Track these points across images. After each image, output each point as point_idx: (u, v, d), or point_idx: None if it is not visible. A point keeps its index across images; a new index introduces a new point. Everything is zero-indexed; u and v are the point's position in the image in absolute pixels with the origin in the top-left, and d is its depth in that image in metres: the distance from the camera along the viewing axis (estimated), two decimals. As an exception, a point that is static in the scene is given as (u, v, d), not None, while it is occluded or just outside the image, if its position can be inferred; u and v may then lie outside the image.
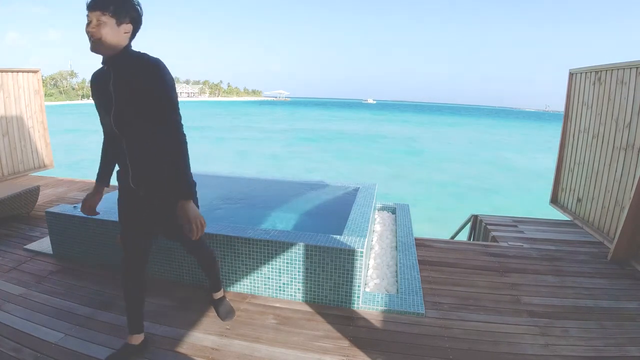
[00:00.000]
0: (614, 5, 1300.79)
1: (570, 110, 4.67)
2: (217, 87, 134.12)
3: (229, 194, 3.97)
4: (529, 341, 2.20)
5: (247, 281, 2.64)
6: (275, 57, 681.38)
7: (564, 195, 4.77)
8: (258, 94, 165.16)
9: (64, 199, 4.81)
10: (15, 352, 1.99)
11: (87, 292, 2.62)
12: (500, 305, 2.59)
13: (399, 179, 15.71)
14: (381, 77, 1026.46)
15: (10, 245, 3.37)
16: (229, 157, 19.82)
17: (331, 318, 2.39)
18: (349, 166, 18.34)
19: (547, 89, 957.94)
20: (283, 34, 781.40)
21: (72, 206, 3.16)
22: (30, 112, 6.06)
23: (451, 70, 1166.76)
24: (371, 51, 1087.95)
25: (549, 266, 3.23)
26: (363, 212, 3.17)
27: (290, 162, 19.08)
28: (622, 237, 3.25)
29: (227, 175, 4.69)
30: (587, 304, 2.63)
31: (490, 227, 4.21)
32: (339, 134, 32.24)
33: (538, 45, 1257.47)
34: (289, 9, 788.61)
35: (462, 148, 25.87)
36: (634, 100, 3.39)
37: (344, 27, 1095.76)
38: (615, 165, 3.64)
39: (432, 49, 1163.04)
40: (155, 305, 2.48)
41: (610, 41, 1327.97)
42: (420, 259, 3.19)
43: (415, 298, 2.57)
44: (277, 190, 4.15)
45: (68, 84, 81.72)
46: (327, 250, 2.44)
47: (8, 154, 5.71)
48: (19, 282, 2.73)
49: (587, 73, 4.28)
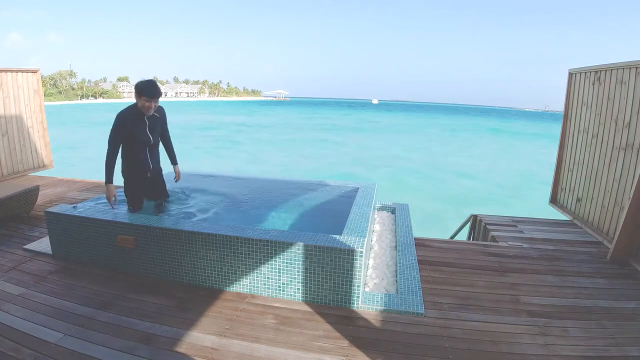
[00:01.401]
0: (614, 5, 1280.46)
1: (570, 110, 4.67)
2: (216, 87, 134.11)
3: (229, 194, 3.97)
4: (529, 341, 2.20)
5: (246, 281, 2.64)
6: (275, 57, 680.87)
7: (563, 195, 4.78)
8: (258, 94, 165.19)
9: (64, 199, 4.81)
10: (15, 352, 1.99)
11: (86, 292, 2.62)
12: (499, 305, 2.59)
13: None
14: (386, 77, 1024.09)
15: (10, 245, 3.37)
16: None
17: (331, 318, 2.40)
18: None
19: (547, 89, 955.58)
20: (283, 34, 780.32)
21: (71, 206, 3.16)
22: (29, 112, 6.06)
23: (453, 71, 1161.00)
24: (374, 51, 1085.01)
25: (548, 266, 3.24)
26: (362, 211, 3.17)
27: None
28: (621, 237, 3.26)
29: (227, 175, 4.70)
30: (587, 303, 2.64)
31: (489, 227, 4.21)
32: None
33: (538, 46, 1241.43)
34: (289, 9, 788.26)
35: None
36: (634, 100, 3.40)
37: (344, 27, 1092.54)
38: (614, 165, 3.64)
39: (435, 50, 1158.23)
40: (155, 305, 2.48)
41: (610, 41, 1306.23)
42: (419, 258, 3.20)
43: (415, 298, 2.57)
44: (276, 190, 4.15)
45: (67, 84, 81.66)
46: (326, 250, 2.44)
47: (7, 154, 5.71)
48: (18, 282, 2.73)
49: (587, 73, 4.29)
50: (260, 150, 22.07)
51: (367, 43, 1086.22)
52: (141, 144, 3.06)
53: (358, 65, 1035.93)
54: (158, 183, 3.39)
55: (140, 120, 3.00)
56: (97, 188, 5.36)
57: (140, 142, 3.04)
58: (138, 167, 3.14)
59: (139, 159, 3.12)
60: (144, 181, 3.22)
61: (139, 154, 3.10)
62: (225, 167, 16.12)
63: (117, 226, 2.85)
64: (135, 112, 2.97)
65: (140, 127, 3.01)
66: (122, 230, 2.83)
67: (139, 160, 3.12)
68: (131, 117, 2.96)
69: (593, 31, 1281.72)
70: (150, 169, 3.19)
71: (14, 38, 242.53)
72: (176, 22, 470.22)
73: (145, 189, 3.29)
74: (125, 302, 2.51)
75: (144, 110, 2.94)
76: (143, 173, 3.18)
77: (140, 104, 2.91)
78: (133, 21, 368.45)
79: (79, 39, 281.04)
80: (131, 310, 2.42)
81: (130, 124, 2.95)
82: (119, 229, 2.84)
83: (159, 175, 3.38)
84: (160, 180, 3.41)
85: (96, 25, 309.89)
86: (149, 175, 3.22)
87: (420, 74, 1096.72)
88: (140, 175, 3.18)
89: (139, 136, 3.01)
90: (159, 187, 3.42)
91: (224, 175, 4.68)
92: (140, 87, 2.88)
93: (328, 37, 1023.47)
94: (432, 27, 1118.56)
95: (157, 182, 3.38)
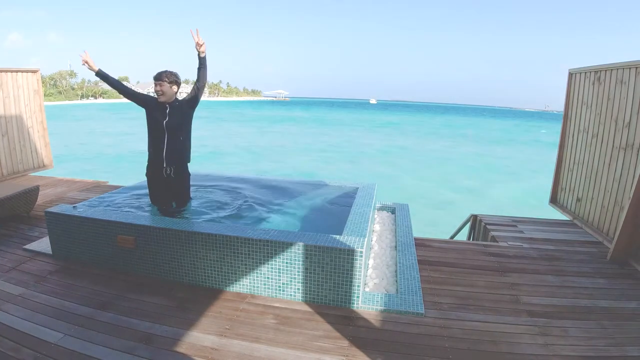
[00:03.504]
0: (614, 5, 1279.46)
1: (570, 110, 4.67)
2: (216, 86, 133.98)
3: (229, 194, 3.97)
4: (529, 341, 2.20)
5: (246, 281, 2.64)
6: (275, 57, 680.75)
7: (563, 195, 4.77)
8: (257, 94, 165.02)
9: (64, 199, 4.80)
10: (15, 352, 1.99)
11: (86, 292, 2.62)
12: (499, 305, 2.59)
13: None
14: (386, 77, 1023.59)
15: (10, 245, 3.37)
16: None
17: (331, 318, 2.39)
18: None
19: (547, 89, 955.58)
20: (283, 34, 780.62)
21: (71, 206, 3.16)
22: (29, 112, 6.05)
23: (453, 71, 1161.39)
24: (374, 50, 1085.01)
25: (548, 266, 3.24)
26: (362, 211, 3.17)
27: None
28: (621, 237, 3.25)
29: (227, 176, 4.69)
30: (587, 303, 2.64)
31: (489, 227, 4.21)
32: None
33: (538, 46, 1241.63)
34: (289, 9, 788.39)
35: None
36: (634, 100, 3.40)
37: (344, 27, 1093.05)
38: (614, 164, 3.64)
39: (435, 49, 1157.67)
40: (155, 305, 2.48)
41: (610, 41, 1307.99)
42: (419, 258, 3.19)
43: (415, 298, 2.57)
44: (276, 190, 4.15)
45: (67, 84, 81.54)
46: (326, 250, 2.44)
47: (7, 154, 5.71)
48: (18, 282, 2.73)
49: (587, 73, 4.29)
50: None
51: (367, 43, 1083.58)
52: (155, 131, 3.05)
53: (358, 65, 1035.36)
54: (175, 186, 3.21)
55: (161, 108, 3.02)
56: (97, 188, 5.36)
57: (154, 128, 3.04)
58: (153, 160, 3.12)
59: (155, 152, 3.08)
60: (158, 180, 3.16)
61: (154, 146, 3.07)
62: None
63: (117, 226, 2.85)
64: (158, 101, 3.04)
65: (158, 116, 3.02)
66: (122, 230, 2.83)
67: (154, 153, 3.09)
68: (155, 101, 3.05)
69: (593, 31, 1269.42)
70: (164, 166, 3.09)
71: (14, 38, 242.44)
72: (176, 22, 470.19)
73: (158, 188, 3.21)
74: (125, 302, 2.51)
75: (157, 96, 3.03)
76: (157, 170, 3.12)
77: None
78: (133, 21, 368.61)
79: (79, 39, 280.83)
80: (131, 310, 2.42)
81: (150, 103, 3.05)
82: (119, 229, 2.84)
83: (179, 177, 3.19)
84: (180, 185, 3.23)
85: (96, 25, 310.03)
86: (165, 174, 3.12)
87: (420, 74, 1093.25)
88: (154, 172, 3.16)
89: (153, 122, 3.04)
90: (175, 190, 3.24)
91: (223, 176, 4.68)
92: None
93: (328, 37, 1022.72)
94: (432, 27, 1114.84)
95: (175, 185, 3.20)
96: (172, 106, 3.04)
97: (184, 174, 3.24)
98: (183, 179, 3.25)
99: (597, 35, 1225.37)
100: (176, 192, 3.28)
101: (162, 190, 3.24)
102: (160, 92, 2.98)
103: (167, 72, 3.02)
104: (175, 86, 3.05)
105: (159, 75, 2.99)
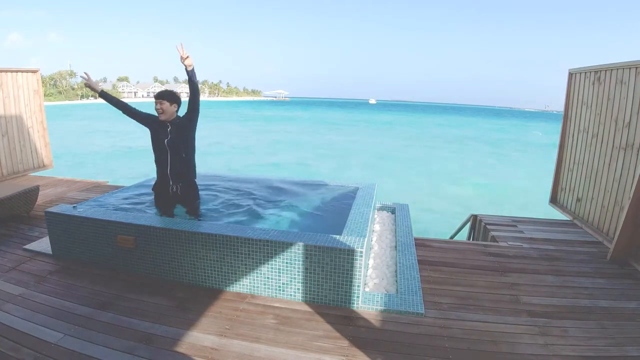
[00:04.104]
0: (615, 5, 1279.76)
1: (570, 110, 4.67)
2: (216, 86, 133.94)
3: (229, 194, 3.97)
4: (529, 341, 2.20)
5: (246, 281, 2.64)
6: (275, 57, 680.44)
7: (563, 195, 4.77)
8: (257, 94, 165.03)
9: (64, 199, 4.80)
10: (15, 352, 1.99)
11: (86, 292, 2.62)
12: (499, 305, 2.59)
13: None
14: (386, 77, 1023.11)
15: (10, 245, 3.37)
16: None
17: (331, 318, 2.40)
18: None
19: (547, 89, 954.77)
20: (283, 34, 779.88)
21: (71, 206, 3.16)
22: (29, 112, 6.05)
23: (453, 71, 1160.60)
24: (374, 50, 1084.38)
25: (548, 266, 3.24)
26: (362, 211, 3.17)
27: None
28: (621, 237, 3.25)
29: (227, 176, 4.69)
30: (587, 303, 2.64)
31: (489, 227, 4.21)
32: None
33: (538, 46, 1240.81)
34: (289, 9, 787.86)
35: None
36: (634, 100, 3.40)
37: (344, 27, 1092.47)
38: (614, 164, 3.64)
39: (435, 49, 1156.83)
40: (155, 305, 2.48)
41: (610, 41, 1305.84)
42: (419, 258, 3.20)
43: (415, 298, 2.57)
44: (276, 190, 4.15)
45: (67, 84, 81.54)
46: (326, 250, 2.44)
47: (7, 154, 5.71)
48: (18, 282, 2.73)
49: (587, 73, 4.29)
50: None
51: (367, 43, 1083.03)
52: (158, 150, 3.05)
53: (358, 65, 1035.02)
54: (183, 203, 3.23)
55: (162, 127, 3.02)
56: (97, 188, 5.36)
57: (157, 147, 3.05)
58: (160, 178, 3.11)
59: (160, 170, 3.08)
60: (165, 197, 3.15)
61: (159, 164, 3.07)
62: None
63: (117, 226, 2.85)
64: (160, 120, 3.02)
65: (160, 134, 3.02)
66: (122, 230, 2.83)
67: (160, 171, 3.09)
68: (157, 120, 3.02)
69: (593, 31, 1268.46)
70: (170, 184, 3.09)
71: (14, 38, 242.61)
72: (176, 22, 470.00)
73: (165, 204, 3.20)
74: (125, 302, 2.51)
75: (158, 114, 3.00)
76: (164, 187, 3.12)
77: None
78: (133, 21, 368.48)
79: (79, 39, 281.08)
80: (131, 310, 2.42)
81: (153, 123, 3.03)
82: (119, 229, 2.84)
83: (186, 195, 3.19)
84: (188, 202, 3.24)
85: (96, 25, 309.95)
86: (171, 191, 3.11)
87: (420, 74, 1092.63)
88: (161, 189, 3.15)
89: (156, 141, 3.04)
90: (184, 205, 3.25)
91: (223, 176, 4.68)
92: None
93: (328, 37, 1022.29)
94: (432, 27, 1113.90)
95: (182, 202, 3.22)
96: (173, 124, 3.03)
97: (191, 190, 3.24)
98: (190, 196, 3.25)
99: (597, 35, 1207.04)
100: (184, 208, 3.28)
101: (170, 207, 3.22)
102: (161, 110, 2.97)
103: (167, 92, 3.04)
104: (175, 105, 3.04)
105: (160, 94, 3.01)
